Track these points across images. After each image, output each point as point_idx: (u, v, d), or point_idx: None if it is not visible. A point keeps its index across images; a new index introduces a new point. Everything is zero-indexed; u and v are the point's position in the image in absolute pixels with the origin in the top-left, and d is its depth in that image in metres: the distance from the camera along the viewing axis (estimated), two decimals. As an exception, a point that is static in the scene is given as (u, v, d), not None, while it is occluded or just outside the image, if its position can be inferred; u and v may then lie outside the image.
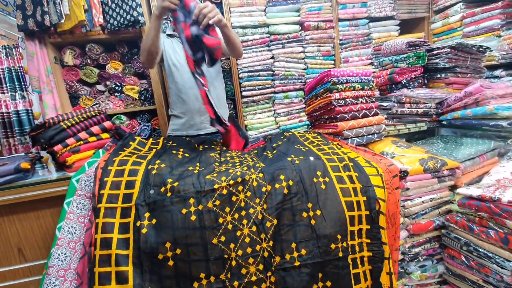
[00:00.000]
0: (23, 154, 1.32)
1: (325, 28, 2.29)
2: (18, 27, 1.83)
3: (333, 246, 0.95)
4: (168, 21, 2.03)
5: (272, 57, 2.23)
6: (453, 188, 1.26)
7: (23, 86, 3.30)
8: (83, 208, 1.01)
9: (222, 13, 2.14)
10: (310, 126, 2.34)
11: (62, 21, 1.78)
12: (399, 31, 2.46)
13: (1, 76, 3.26)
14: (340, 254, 0.95)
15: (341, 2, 2.28)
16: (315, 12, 2.25)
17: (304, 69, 2.32)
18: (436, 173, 1.22)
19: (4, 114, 3.34)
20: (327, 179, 1.00)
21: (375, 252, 0.99)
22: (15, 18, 1.82)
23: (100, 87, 2.13)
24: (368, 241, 1.00)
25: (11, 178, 1.09)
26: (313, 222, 0.95)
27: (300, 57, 2.29)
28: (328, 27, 2.29)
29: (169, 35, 1.63)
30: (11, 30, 3.95)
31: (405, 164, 1.20)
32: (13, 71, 3.26)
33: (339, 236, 0.96)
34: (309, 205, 0.96)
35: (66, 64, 2.02)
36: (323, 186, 0.99)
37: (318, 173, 1.01)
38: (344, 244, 0.96)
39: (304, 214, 0.94)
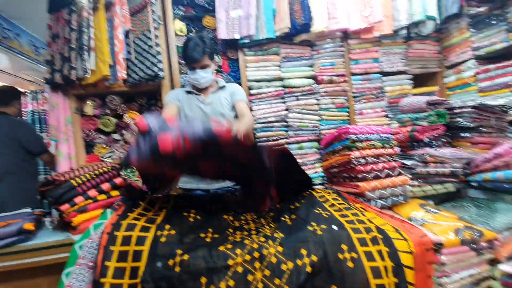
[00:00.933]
0: (29, 210, 1.27)
1: (339, 82, 2.33)
2: (45, 81, 1.93)
3: None
4: (186, 76, 2.11)
5: (287, 109, 2.25)
6: (492, 261, 1.12)
7: (43, 128, 3.43)
8: (83, 281, 0.91)
9: (238, 68, 2.22)
10: (325, 179, 2.26)
11: (87, 75, 1.87)
12: (413, 84, 2.48)
13: (24, 118, 3.43)
14: None
15: (353, 58, 2.35)
16: (329, 68, 2.31)
17: (319, 120, 2.31)
18: (473, 245, 1.09)
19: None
20: (354, 255, 0.89)
21: None
22: (45, 67, 1.93)
23: (116, 136, 2.16)
24: None
25: (12, 241, 1.02)
26: None
27: (314, 109, 2.30)
28: (341, 81, 2.33)
29: (187, 92, 1.66)
30: (39, 76, 4.25)
31: (438, 234, 1.08)
32: (35, 113, 3.43)
33: None
34: (333, 287, 0.84)
35: (86, 114, 2.08)
36: (350, 264, 0.87)
37: (344, 247, 0.91)
38: None
39: (331, 300, 0.82)
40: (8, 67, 3.94)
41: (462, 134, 1.49)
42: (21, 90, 3.51)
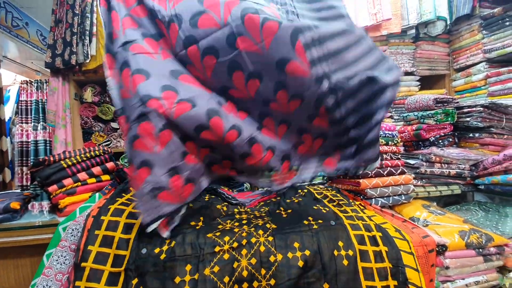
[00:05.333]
0: (18, 191, 1.24)
1: (344, 80, 2.27)
2: (45, 64, 1.91)
3: None
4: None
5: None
6: (501, 269, 1.05)
7: (46, 118, 3.43)
8: (64, 263, 0.87)
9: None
10: (325, 178, 2.19)
11: (88, 61, 1.85)
12: (419, 86, 2.41)
13: (29, 107, 3.42)
14: None
15: (360, 56, 2.29)
16: (334, 64, 2.26)
17: (321, 118, 2.25)
18: (480, 250, 1.02)
19: (24, 143, 3.43)
20: (350, 253, 0.83)
21: None
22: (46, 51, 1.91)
23: (115, 125, 2.13)
24: None
25: (-4, 220, 0.99)
26: None
27: (318, 107, 2.24)
28: (346, 79, 2.27)
29: None
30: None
31: (442, 236, 1.02)
32: (40, 103, 3.43)
33: None
34: (325, 286, 0.79)
35: (85, 100, 2.05)
36: (345, 262, 0.82)
37: (340, 243, 0.85)
38: None
39: (322, 297, 0.77)
40: (16, 56, 3.96)
41: (470, 135, 1.42)
42: (27, 79, 3.54)
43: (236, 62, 0.80)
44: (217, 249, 0.81)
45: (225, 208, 1.13)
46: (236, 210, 1.11)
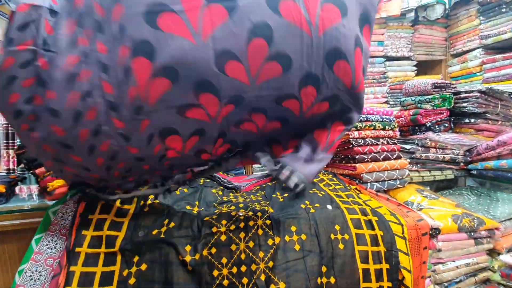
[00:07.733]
0: (3, 173, 1.19)
1: (340, 64, 2.23)
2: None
3: None
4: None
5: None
6: (491, 252, 1.08)
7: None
8: (55, 248, 0.85)
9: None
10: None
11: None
12: (416, 71, 2.40)
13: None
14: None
15: (357, 40, 2.25)
16: (331, 48, 2.21)
17: (318, 102, 2.23)
18: (472, 233, 1.04)
19: (9, 125, 3.31)
20: (346, 237, 0.84)
21: None
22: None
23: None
24: None
25: (-20, 203, 0.95)
26: None
27: (314, 91, 2.21)
28: (343, 63, 2.24)
29: None
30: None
31: (436, 220, 1.03)
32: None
33: None
34: (323, 268, 0.79)
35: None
36: (340, 246, 0.82)
37: (337, 227, 0.85)
38: None
39: (318, 280, 0.77)
40: (-4, 33, 3.76)
41: (466, 120, 1.42)
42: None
43: None
44: (214, 229, 0.80)
45: (220, 192, 1.12)
46: (231, 194, 1.10)
